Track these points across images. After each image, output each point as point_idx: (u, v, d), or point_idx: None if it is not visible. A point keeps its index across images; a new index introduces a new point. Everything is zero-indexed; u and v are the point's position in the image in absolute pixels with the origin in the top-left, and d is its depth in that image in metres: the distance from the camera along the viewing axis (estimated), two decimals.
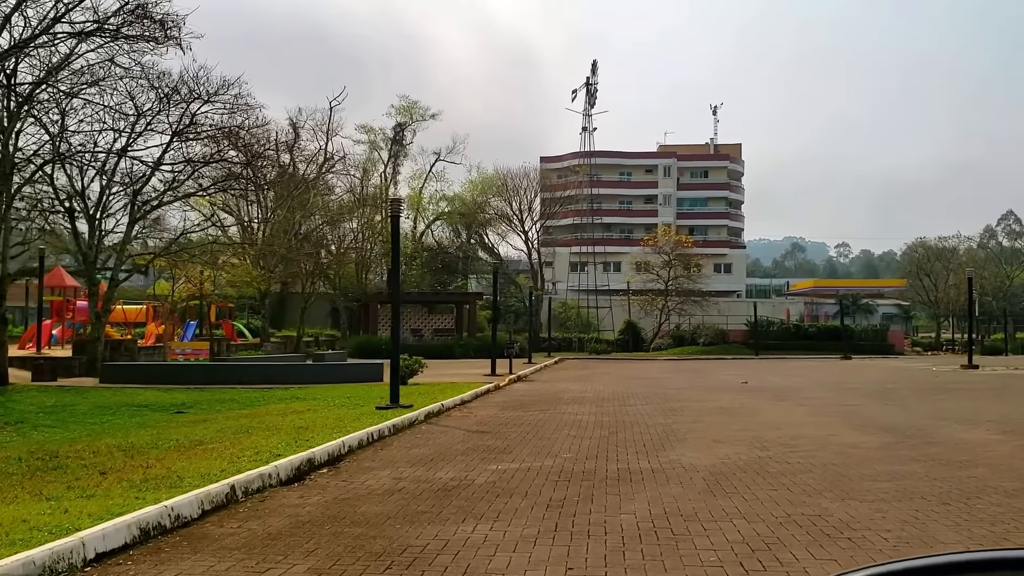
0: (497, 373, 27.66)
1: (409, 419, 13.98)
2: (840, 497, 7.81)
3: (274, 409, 17.15)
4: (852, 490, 8.16)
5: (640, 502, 7.57)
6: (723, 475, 9.06)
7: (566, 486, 8.39)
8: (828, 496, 7.85)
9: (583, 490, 8.17)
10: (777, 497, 7.80)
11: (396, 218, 15.85)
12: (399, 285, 16.01)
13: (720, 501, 7.63)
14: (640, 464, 9.85)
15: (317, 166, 64.89)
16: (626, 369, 36.22)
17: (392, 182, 68.93)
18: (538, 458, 10.33)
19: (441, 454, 10.70)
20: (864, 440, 12.03)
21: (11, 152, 23.87)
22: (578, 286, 71.96)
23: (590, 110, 70.62)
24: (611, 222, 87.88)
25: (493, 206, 65.67)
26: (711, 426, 13.96)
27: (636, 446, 11.48)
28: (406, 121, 69.57)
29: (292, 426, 12.77)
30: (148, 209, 28.93)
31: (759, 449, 11.15)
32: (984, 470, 9.39)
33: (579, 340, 59.03)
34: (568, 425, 14.09)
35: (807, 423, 14.34)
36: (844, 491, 8.10)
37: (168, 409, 18.50)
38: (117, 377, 23.89)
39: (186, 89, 27.11)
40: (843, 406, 17.59)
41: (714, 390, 22.71)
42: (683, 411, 16.61)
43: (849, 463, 9.90)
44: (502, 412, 16.46)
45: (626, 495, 7.92)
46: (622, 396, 20.65)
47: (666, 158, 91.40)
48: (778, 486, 8.37)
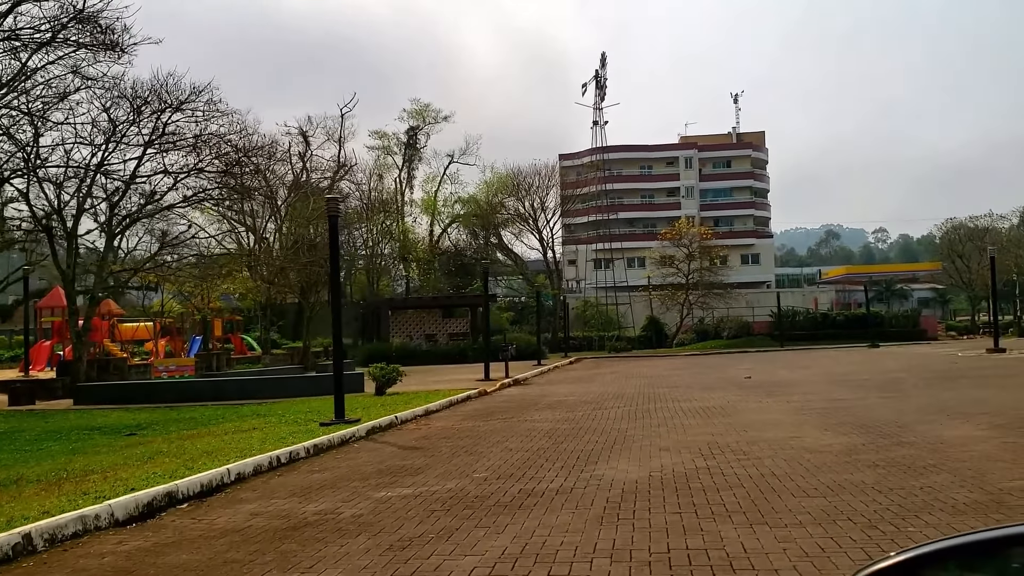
0: (490, 378, 26.51)
1: (342, 437, 12.89)
2: (751, 521, 6.58)
3: (221, 429, 16.17)
4: (772, 510, 6.92)
5: (507, 536, 6.40)
6: (636, 494, 7.85)
7: (439, 517, 7.24)
8: (737, 520, 6.62)
9: (453, 522, 7.00)
10: (675, 524, 6.58)
11: (334, 218, 14.76)
12: (339, 289, 14.93)
13: (603, 532, 6.43)
14: (554, 483, 8.66)
15: (331, 174, 64.46)
16: (637, 367, 34.91)
17: (407, 186, 68.20)
18: (445, 480, 9.19)
19: (340, 479, 9.59)
20: (829, 443, 10.73)
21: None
22: (601, 283, 70.58)
23: (600, 103, 69.26)
24: (633, 217, 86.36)
25: (508, 206, 64.55)
26: (673, 430, 12.71)
27: (570, 459, 10.28)
28: (419, 124, 68.76)
29: (202, 450, 11.74)
30: (128, 224, 28.20)
31: (704, 457, 9.91)
32: (946, 477, 8.08)
33: (599, 339, 57.67)
34: (517, 436, 12.91)
35: (780, 423, 13.03)
36: (761, 512, 6.86)
37: (121, 432, 17.63)
38: (92, 398, 23.12)
39: (156, 99, 26.31)
40: (833, 401, 16.24)
41: (709, 388, 21.39)
42: (655, 413, 15.36)
43: (793, 473, 8.63)
44: (461, 423, 15.32)
45: (499, 527, 6.75)
46: (606, 398, 19.43)
47: (687, 149, 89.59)
48: (688, 508, 7.15)
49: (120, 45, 23.18)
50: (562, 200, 73.82)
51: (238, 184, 28.81)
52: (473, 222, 65.68)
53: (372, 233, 56.87)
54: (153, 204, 29.00)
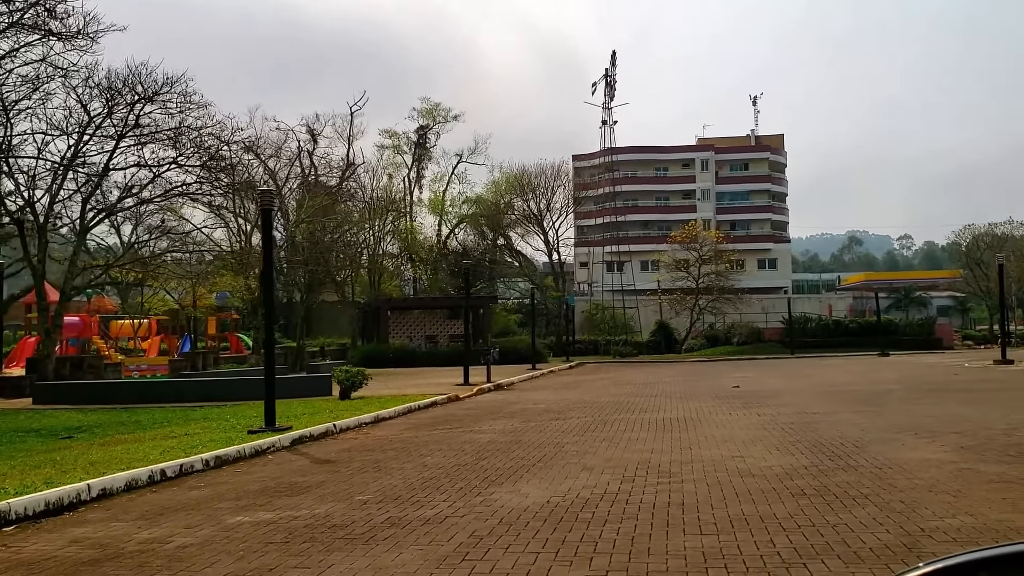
0: (470, 383, 25.57)
1: (257, 447, 11.98)
2: (611, 567, 5.58)
3: (151, 434, 15.31)
4: (646, 552, 5.92)
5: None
6: (512, 526, 6.87)
7: (269, 552, 6.29)
8: (596, 565, 5.62)
9: (277, 559, 6.05)
10: (521, 569, 5.59)
11: (267, 212, 13.85)
12: (272, 288, 14.04)
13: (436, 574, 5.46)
14: (435, 510, 7.68)
15: (340, 172, 63.81)
16: (633, 374, 33.84)
17: (416, 185, 67.44)
18: (322, 502, 8.25)
19: (210, 499, 8.69)
20: (771, 464, 9.69)
21: None
22: (611, 286, 69.41)
23: (610, 103, 68.08)
24: (648, 219, 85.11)
25: (516, 207, 63.65)
26: (615, 446, 11.70)
27: (479, 478, 9.31)
28: (429, 123, 67.99)
29: (97, 459, 10.89)
30: (102, 218, 27.52)
31: (623, 480, 8.91)
32: (871, 511, 7.03)
33: (605, 343, 56.53)
34: (445, 449, 11.95)
35: (733, 440, 11.99)
36: (632, 555, 5.86)
37: (57, 435, 16.84)
38: (49, 397, 22.39)
39: (128, 90, 25.59)
40: (804, 415, 15.14)
41: (689, 398, 20.33)
42: (610, 426, 14.33)
43: (706, 502, 7.62)
44: (402, 433, 14.38)
45: (322, 567, 5.79)
46: (575, 407, 18.42)
47: (704, 151, 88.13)
48: (553, 547, 6.15)
49: (85, 33, 22.43)
50: (575, 201, 72.83)
51: (218, 178, 28.01)
52: (481, 222, 64.82)
53: (376, 232, 56.03)
54: (133, 197, 28.34)
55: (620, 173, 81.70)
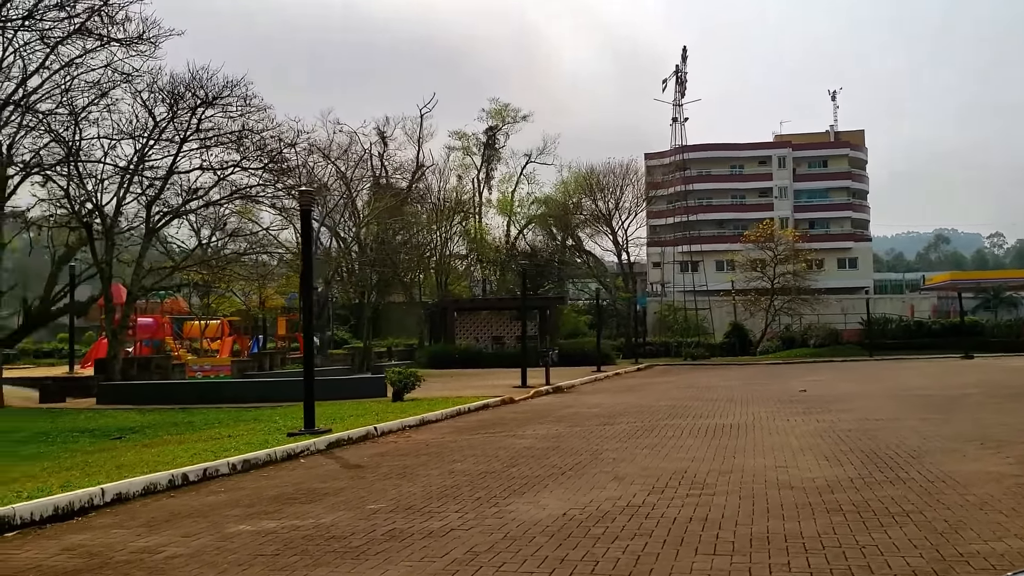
0: (527, 385, 25.19)
1: (290, 451, 11.80)
2: None
3: (199, 436, 15.35)
4: (648, 573, 5.46)
5: None
6: (516, 541, 6.48)
7: (252, 566, 6.01)
8: None
9: (259, 574, 5.77)
10: None
11: (307, 213, 13.70)
12: (311, 289, 13.86)
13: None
14: (444, 521, 7.33)
15: (409, 174, 64.15)
16: (701, 377, 33.03)
17: (485, 186, 67.41)
18: (333, 511, 7.99)
19: (222, 505, 8.50)
20: (815, 476, 9.09)
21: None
22: (687, 287, 68.21)
23: (680, 100, 66.95)
24: (723, 218, 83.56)
25: (585, 206, 63.08)
26: (654, 454, 11.19)
27: (502, 487, 8.93)
28: (498, 124, 67.86)
29: (128, 462, 10.84)
30: (167, 220, 27.94)
31: (651, 492, 8.42)
32: (909, 531, 6.44)
33: (677, 345, 55.54)
34: (479, 455, 11.60)
35: (783, 448, 11.37)
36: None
37: (110, 435, 17.04)
38: (113, 398, 22.77)
39: (191, 95, 25.93)
40: (866, 422, 14.37)
41: (750, 402, 19.64)
42: (658, 432, 13.80)
43: (733, 518, 7.11)
44: (442, 437, 14.08)
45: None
46: (629, 411, 17.91)
47: (780, 148, 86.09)
48: (552, 565, 5.74)
49: (146, 39, 22.75)
50: (647, 200, 71.83)
51: (279, 180, 28.20)
52: (549, 223, 64.41)
53: (444, 233, 56.10)
54: (198, 200, 28.72)
55: (693, 171, 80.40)
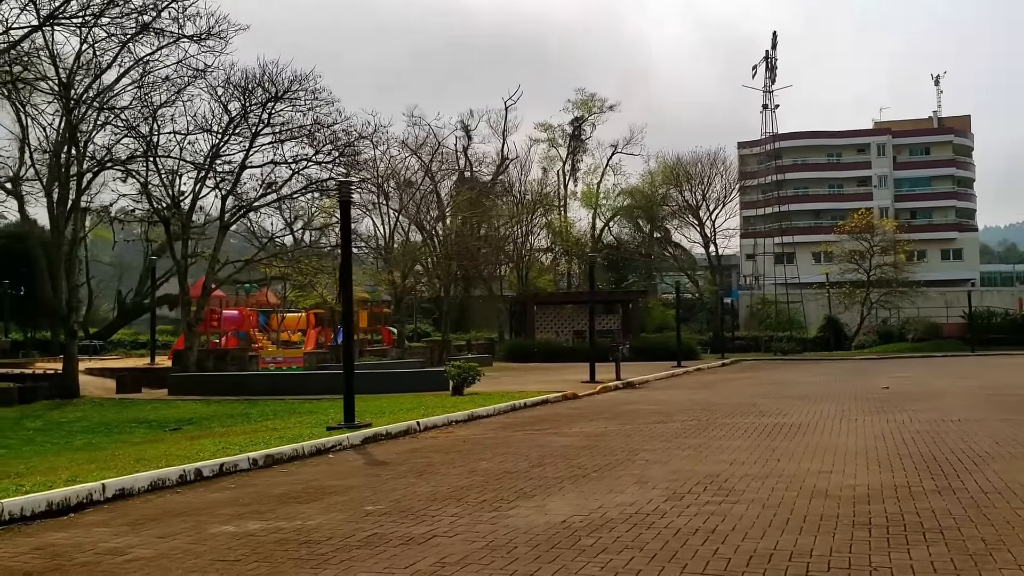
0: (596, 380, 24.57)
1: (319, 446, 11.51)
2: None
3: (248, 427, 15.40)
4: None
5: None
6: (493, 552, 5.99)
7: (203, 573, 5.68)
8: None
9: None
10: None
11: (346, 204, 13.42)
12: (350, 280, 13.57)
13: None
14: (435, 526, 6.88)
15: (494, 167, 63.99)
16: (783, 373, 31.85)
17: (571, 178, 66.76)
18: (328, 511, 7.64)
19: (221, 503, 8.24)
20: (858, 483, 8.32)
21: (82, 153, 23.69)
22: (782, 279, 66.11)
23: (771, 86, 64.81)
24: (819, 208, 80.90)
25: (673, 198, 61.83)
26: (694, 456, 10.52)
27: (516, 489, 8.43)
28: (584, 115, 67.09)
29: (140, 457, 10.74)
30: (241, 214, 28.27)
31: (670, 498, 7.80)
32: (937, 551, 5.69)
33: (767, 339, 53.94)
34: (511, 453, 11.13)
35: (835, 450, 10.57)
36: None
37: (168, 425, 17.24)
38: (183, 388, 23.11)
39: (262, 90, 26.14)
40: (939, 422, 13.37)
41: (822, 400, 18.68)
42: (706, 431, 13.08)
43: (746, 529, 6.46)
44: (485, 433, 13.65)
45: None
46: (691, 409, 17.19)
47: (880, 135, 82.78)
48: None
49: (216, 34, 22.98)
50: (740, 190, 70.07)
51: (350, 173, 28.22)
52: (636, 214, 63.35)
53: (527, 226, 55.69)
54: (274, 193, 28.99)
55: (788, 160, 78.09)
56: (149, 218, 28.09)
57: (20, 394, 22.34)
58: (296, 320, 41.54)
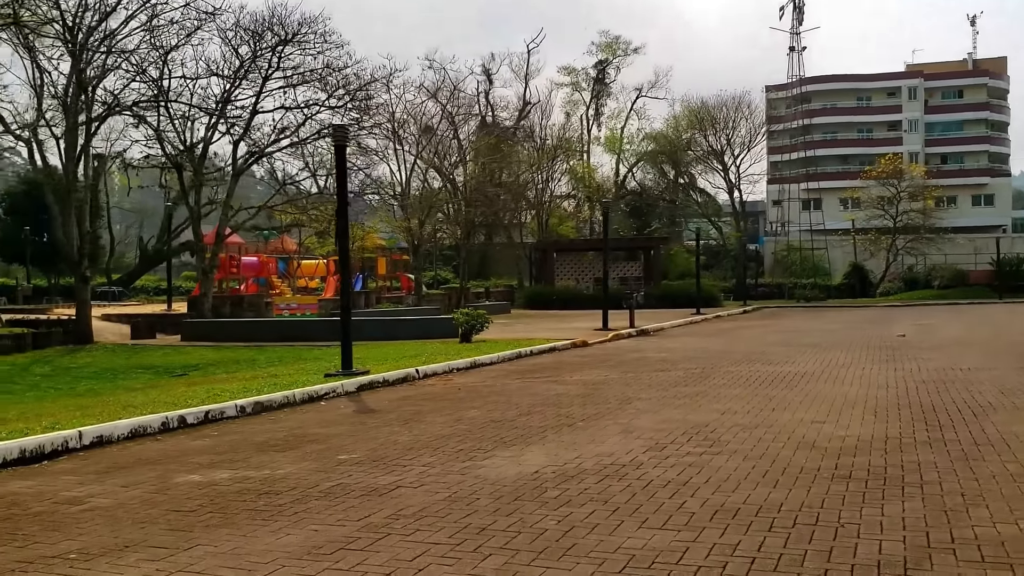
0: (609, 327, 24.36)
1: (312, 393, 11.45)
2: (497, 570, 4.44)
3: (249, 374, 15.42)
4: (558, 550, 4.72)
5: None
6: (458, 501, 5.83)
7: (145, 527, 5.56)
8: (475, 569, 4.51)
9: (143, 536, 5.32)
10: (390, 565, 4.57)
11: (341, 148, 13.15)
12: (347, 225, 13.36)
13: None
14: (404, 476, 6.75)
15: (516, 112, 63.22)
16: (802, 321, 31.47)
17: (594, 123, 65.89)
18: (301, 460, 7.54)
19: (198, 452, 8.16)
20: (849, 434, 8.07)
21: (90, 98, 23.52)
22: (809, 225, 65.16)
23: (798, 28, 63.15)
24: (848, 153, 79.46)
25: (699, 143, 60.87)
26: (688, 403, 10.31)
27: (499, 436, 8.28)
28: (608, 58, 66.02)
29: (126, 404, 10.71)
30: (254, 160, 28.09)
31: (651, 448, 7.61)
32: (912, 506, 5.45)
33: (791, 286, 53.40)
34: (503, 402, 11.00)
35: (834, 400, 10.32)
36: (535, 553, 4.69)
37: (174, 371, 17.29)
38: (195, 335, 23.19)
39: (272, 34, 25.75)
40: (947, 371, 13.08)
41: (834, 348, 18.40)
42: (706, 379, 12.85)
43: (720, 481, 6.26)
44: (484, 381, 13.51)
45: (165, 553, 4.99)
46: (697, 357, 16.98)
47: (911, 78, 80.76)
48: (468, 535, 5.07)
49: None
50: (768, 134, 68.97)
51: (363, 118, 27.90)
52: (660, 160, 62.50)
53: (549, 172, 55.09)
54: (287, 139, 28.74)
55: (817, 104, 76.55)
56: (163, 164, 27.93)
57: (34, 340, 22.52)
58: (314, 267, 41.57)
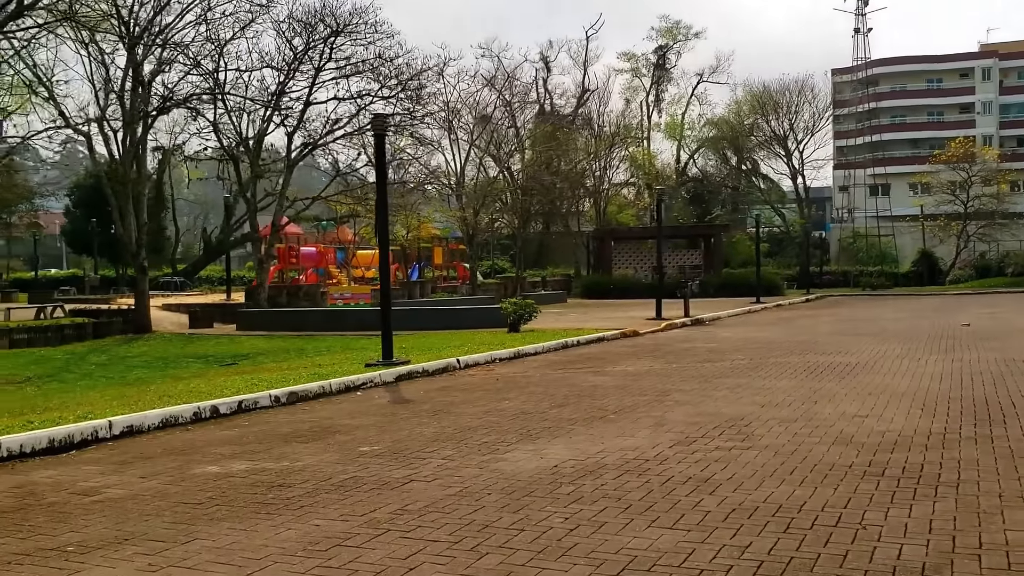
0: (662, 317, 23.99)
1: (348, 383, 11.42)
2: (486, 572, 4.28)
3: (301, 362, 15.49)
4: (555, 552, 4.55)
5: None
6: (467, 497, 5.68)
7: (150, 520, 5.53)
8: (467, 570, 4.35)
9: (143, 528, 5.28)
10: (384, 564, 4.44)
11: (380, 137, 13.09)
12: (386, 215, 13.31)
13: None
14: (413, 469, 6.63)
15: (575, 99, 62.78)
16: (865, 309, 30.66)
17: (654, 109, 65.12)
18: (323, 452, 7.46)
19: (222, 442, 8.16)
20: (892, 429, 7.73)
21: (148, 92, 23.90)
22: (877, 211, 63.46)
23: (863, 9, 61.46)
24: (918, 137, 77.23)
25: (762, 128, 59.74)
26: (728, 395, 10.03)
27: (526, 429, 8.12)
28: (668, 43, 65.14)
29: (163, 394, 10.81)
30: (308, 151, 28.29)
31: (680, 442, 7.37)
32: (943, 508, 5.15)
33: (857, 274, 52.15)
34: (541, 393, 10.83)
35: (882, 392, 9.94)
36: (529, 556, 4.52)
37: (223, 360, 17.48)
38: (250, 324, 23.50)
39: (324, 26, 25.87)
40: (1009, 363, 12.57)
41: (892, 338, 17.88)
42: (753, 371, 12.52)
43: (742, 479, 6.01)
44: (528, 371, 13.36)
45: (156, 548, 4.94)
46: (748, 347, 16.66)
47: (985, 59, 78.03)
48: (468, 534, 4.91)
49: None
50: (833, 119, 67.36)
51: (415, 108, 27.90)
52: (722, 146, 61.48)
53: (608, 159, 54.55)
54: (340, 129, 28.88)
55: (885, 87, 74.58)
56: (220, 157, 28.31)
57: (95, 329, 23.01)
58: (371, 257, 41.78)
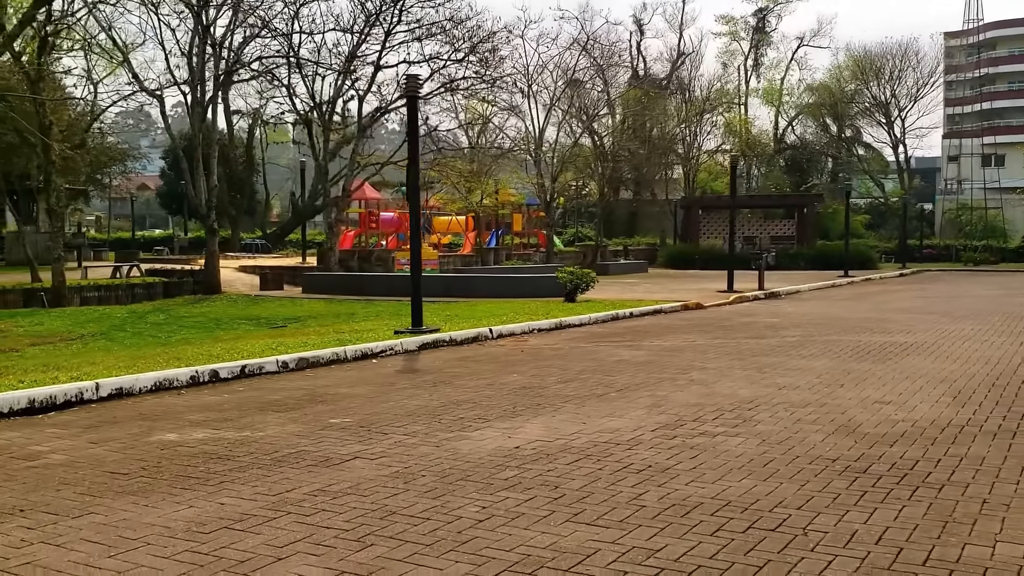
0: (734, 290, 23.14)
1: (367, 350, 11.19)
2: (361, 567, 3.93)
3: (345, 327, 15.36)
4: (458, 547, 4.16)
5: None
6: (399, 478, 5.34)
7: (90, 486, 5.35)
8: (345, 564, 4.00)
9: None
10: (262, 550, 4.13)
11: (413, 100, 12.71)
12: (417, 180, 12.95)
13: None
14: (368, 446, 6.32)
15: (669, 64, 61.37)
16: (956, 286, 29.03)
17: (752, 74, 63.10)
18: (295, 423, 7.23)
19: (209, 407, 8.00)
20: (910, 418, 7.08)
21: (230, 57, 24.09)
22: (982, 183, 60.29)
23: None
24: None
25: (864, 95, 57.20)
26: (754, 374, 9.43)
27: (513, 405, 7.74)
28: (769, 5, 62.82)
29: (179, 356, 10.78)
30: (379, 115, 28.20)
31: (669, 424, 6.87)
32: (915, 512, 4.55)
33: (960, 249, 49.68)
34: (558, 367, 10.41)
35: (919, 377, 9.19)
36: (425, 550, 4.14)
37: (275, 323, 17.59)
38: (313, 288, 23.64)
39: None
40: None
41: (967, 318, 16.84)
42: (797, 348, 11.81)
43: (715, 469, 5.50)
44: (560, 343, 12.92)
45: (71, 521, 4.73)
46: (807, 323, 15.84)
47: None
48: (370, 521, 4.58)
49: None
50: (946, 84, 64.17)
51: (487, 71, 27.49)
52: (822, 113, 59.11)
53: (702, 125, 53.06)
54: None
55: (1002, 51, 70.47)
56: (295, 121, 28.50)
57: (165, 289, 23.51)
58: (447, 223, 41.68)
